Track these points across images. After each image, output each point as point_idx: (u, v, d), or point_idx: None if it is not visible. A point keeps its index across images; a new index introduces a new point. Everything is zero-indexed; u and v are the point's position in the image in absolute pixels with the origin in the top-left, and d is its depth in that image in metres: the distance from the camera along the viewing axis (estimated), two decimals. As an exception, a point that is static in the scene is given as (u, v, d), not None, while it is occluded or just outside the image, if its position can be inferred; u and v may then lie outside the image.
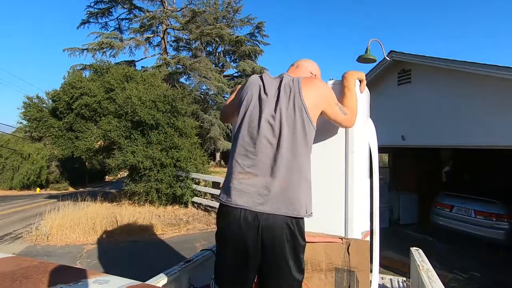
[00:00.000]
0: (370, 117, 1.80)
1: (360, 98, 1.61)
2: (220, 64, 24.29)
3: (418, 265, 1.89)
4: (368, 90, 1.76)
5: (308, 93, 1.26)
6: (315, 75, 1.51)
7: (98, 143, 10.11)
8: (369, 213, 1.72)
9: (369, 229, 1.62)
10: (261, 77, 1.35)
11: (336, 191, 1.55)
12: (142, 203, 9.09)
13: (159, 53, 21.67)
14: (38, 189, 21.87)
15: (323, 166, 1.58)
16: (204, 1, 22.94)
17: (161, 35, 21.37)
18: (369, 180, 1.73)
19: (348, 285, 1.54)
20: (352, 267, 1.53)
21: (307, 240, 1.28)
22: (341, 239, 1.54)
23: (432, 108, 5.29)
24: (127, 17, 21.60)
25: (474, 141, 4.65)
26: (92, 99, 9.62)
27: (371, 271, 1.65)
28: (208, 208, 8.69)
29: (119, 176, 26.66)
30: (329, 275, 1.56)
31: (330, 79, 1.68)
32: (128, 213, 7.89)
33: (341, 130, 1.58)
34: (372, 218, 1.77)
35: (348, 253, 1.53)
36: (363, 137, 1.62)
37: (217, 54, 24.70)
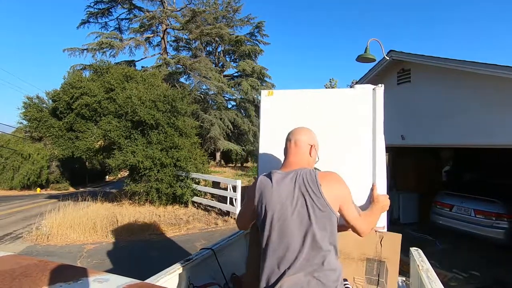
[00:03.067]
0: None
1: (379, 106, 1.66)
2: (220, 64, 24.27)
3: (418, 265, 1.89)
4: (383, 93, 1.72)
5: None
6: (313, 145, 1.42)
7: (98, 143, 10.11)
8: None
9: (385, 224, 1.69)
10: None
11: (365, 189, 1.61)
12: (142, 203, 9.10)
13: (159, 53, 21.66)
14: (38, 189, 21.89)
15: (353, 167, 1.65)
16: (204, 1, 22.94)
17: (161, 35, 21.35)
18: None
19: (378, 273, 1.68)
20: (383, 257, 1.69)
21: (338, 229, 1.25)
22: (376, 231, 1.68)
23: (431, 108, 5.29)
24: (127, 17, 21.60)
25: (474, 140, 4.64)
26: (92, 99, 9.60)
27: None
28: (208, 207, 8.69)
29: (119, 176, 26.76)
30: (360, 264, 1.72)
31: (329, 80, 1.69)
32: (128, 213, 7.90)
33: (367, 132, 1.65)
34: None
35: (381, 244, 1.68)
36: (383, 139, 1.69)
37: (217, 54, 24.67)
